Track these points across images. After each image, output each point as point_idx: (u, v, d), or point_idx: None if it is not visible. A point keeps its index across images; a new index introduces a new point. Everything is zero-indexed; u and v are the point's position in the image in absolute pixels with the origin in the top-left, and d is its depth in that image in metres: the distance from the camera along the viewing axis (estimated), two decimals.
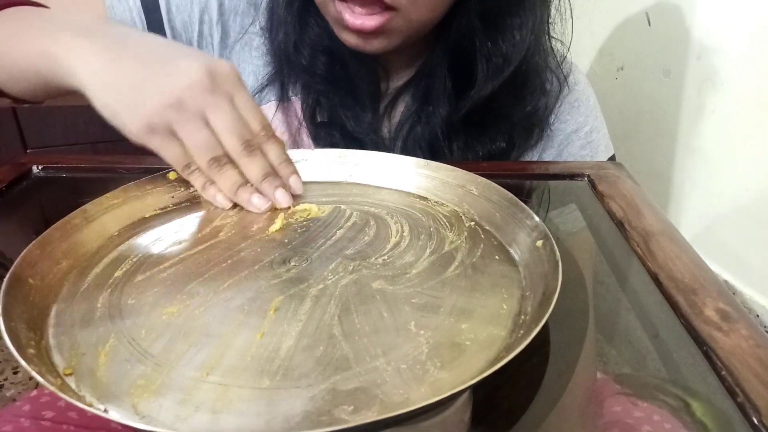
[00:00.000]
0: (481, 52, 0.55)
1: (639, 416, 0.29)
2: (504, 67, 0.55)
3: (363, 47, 0.53)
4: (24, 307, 0.32)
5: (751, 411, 0.27)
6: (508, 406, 0.29)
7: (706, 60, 0.73)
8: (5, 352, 0.29)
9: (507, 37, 0.55)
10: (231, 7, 0.62)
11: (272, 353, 0.29)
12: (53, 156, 0.55)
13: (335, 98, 0.59)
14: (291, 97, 0.61)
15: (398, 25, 0.51)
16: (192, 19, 0.62)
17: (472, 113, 0.58)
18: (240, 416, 0.26)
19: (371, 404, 0.26)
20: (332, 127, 0.59)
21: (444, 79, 0.57)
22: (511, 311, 0.33)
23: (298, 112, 0.61)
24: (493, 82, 0.56)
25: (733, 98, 0.70)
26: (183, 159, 0.42)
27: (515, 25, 0.55)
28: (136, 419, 0.25)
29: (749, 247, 0.69)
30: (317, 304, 0.33)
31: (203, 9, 0.62)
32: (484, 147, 0.59)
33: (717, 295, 0.35)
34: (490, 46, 0.55)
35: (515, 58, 0.55)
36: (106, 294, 0.35)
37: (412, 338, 0.30)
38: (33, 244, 0.35)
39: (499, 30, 0.55)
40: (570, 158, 0.63)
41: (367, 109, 0.60)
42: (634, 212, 0.45)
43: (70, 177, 0.54)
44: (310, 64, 0.59)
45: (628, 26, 0.90)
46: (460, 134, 0.59)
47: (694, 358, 0.31)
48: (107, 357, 0.29)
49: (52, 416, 0.31)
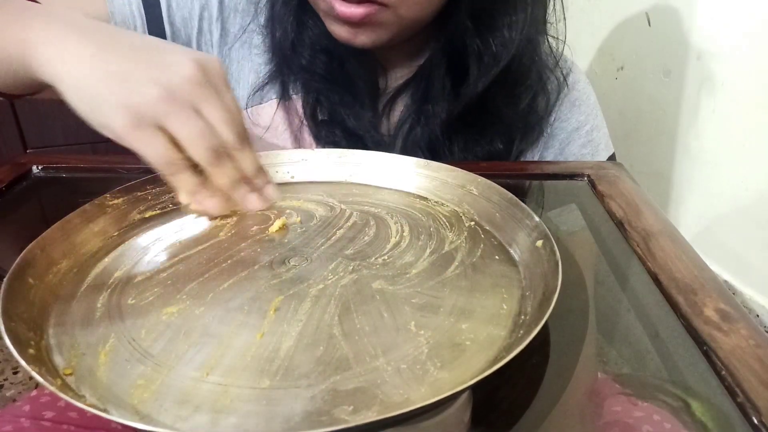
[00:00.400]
0: (472, 51, 0.55)
1: (639, 416, 0.29)
2: (493, 66, 0.55)
3: (352, 40, 0.53)
4: (24, 307, 0.32)
5: (751, 411, 0.27)
6: (508, 406, 0.29)
7: (706, 60, 0.73)
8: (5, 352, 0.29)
9: (497, 36, 0.55)
10: (231, 4, 0.62)
11: (272, 353, 0.29)
12: (53, 156, 0.55)
13: (335, 96, 0.59)
14: (292, 95, 0.61)
15: (387, 19, 0.51)
16: (192, 15, 0.61)
17: (468, 113, 0.58)
18: (240, 416, 0.26)
19: (371, 404, 0.26)
20: (333, 125, 0.59)
21: (443, 79, 0.58)
22: (511, 311, 0.33)
23: (299, 111, 0.61)
24: (483, 80, 0.56)
25: (733, 98, 0.70)
26: (168, 156, 0.39)
27: (505, 24, 0.55)
28: (135, 419, 0.25)
29: (749, 247, 0.69)
30: (317, 304, 0.33)
31: (203, 6, 0.62)
32: (484, 147, 0.59)
33: (717, 295, 0.35)
34: (480, 44, 0.55)
35: (504, 57, 0.55)
36: (106, 294, 0.35)
37: (412, 338, 0.30)
38: (33, 244, 0.35)
39: (490, 29, 0.55)
40: (571, 157, 0.63)
41: (367, 107, 0.60)
42: (634, 212, 0.45)
43: (70, 177, 0.54)
44: (309, 63, 0.59)
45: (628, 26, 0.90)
46: (460, 134, 0.59)
47: (694, 358, 0.31)
48: (107, 357, 0.29)
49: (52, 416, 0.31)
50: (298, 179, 0.50)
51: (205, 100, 0.40)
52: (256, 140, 0.60)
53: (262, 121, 0.62)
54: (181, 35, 0.62)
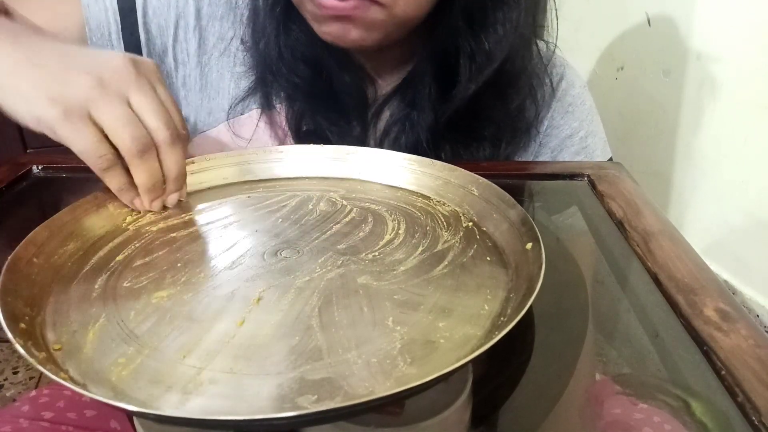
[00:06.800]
0: (464, 52, 0.55)
1: (639, 418, 0.29)
2: (487, 65, 0.55)
3: (342, 37, 0.51)
4: (25, 284, 0.33)
5: (751, 411, 0.27)
6: (508, 406, 0.29)
7: (706, 60, 0.74)
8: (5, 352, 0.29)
9: (490, 33, 0.54)
10: (209, 12, 0.61)
11: (249, 340, 0.30)
12: (53, 156, 0.55)
13: (320, 109, 0.58)
14: (275, 105, 0.60)
15: (379, 17, 0.49)
16: (168, 24, 0.60)
17: (458, 116, 0.57)
18: (207, 398, 0.27)
19: (335, 395, 0.27)
20: (317, 138, 0.58)
21: (430, 85, 0.57)
22: (491, 312, 0.33)
23: (282, 122, 0.60)
24: (476, 80, 0.55)
25: (733, 98, 0.70)
26: (96, 148, 0.39)
27: (498, 20, 0.54)
28: (110, 395, 0.26)
29: (749, 246, 0.69)
30: (300, 295, 0.34)
31: (179, 14, 0.60)
32: (473, 154, 0.59)
33: (717, 295, 0.35)
34: (473, 43, 0.54)
35: (498, 56, 0.54)
36: (105, 276, 0.36)
37: (388, 333, 0.31)
38: (41, 225, 0.37)
39: (483, 26, 0.54)
40: None
41: (353, 121, 0.59)
42: (634, 212, 0.45)
43: (70, 177, 0.54)
44: (294, 74, 0.58)
45: (628, 26, 0.90)
46: (447, 141, 0.58)
47: (694, 358, 0.31)
48: (95, 335, 0.31)
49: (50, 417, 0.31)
50: (304, 174, 0.51)
51: (135, 91, 0.40)
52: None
53: (244, 133, 0.60)
54: (157, 43, 0.61)
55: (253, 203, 0.46)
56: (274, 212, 0.44)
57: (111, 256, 0.38)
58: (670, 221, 0.45)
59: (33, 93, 0.39)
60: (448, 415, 0.27)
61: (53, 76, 0.39)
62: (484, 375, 0.30)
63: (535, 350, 0.32)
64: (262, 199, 0.47)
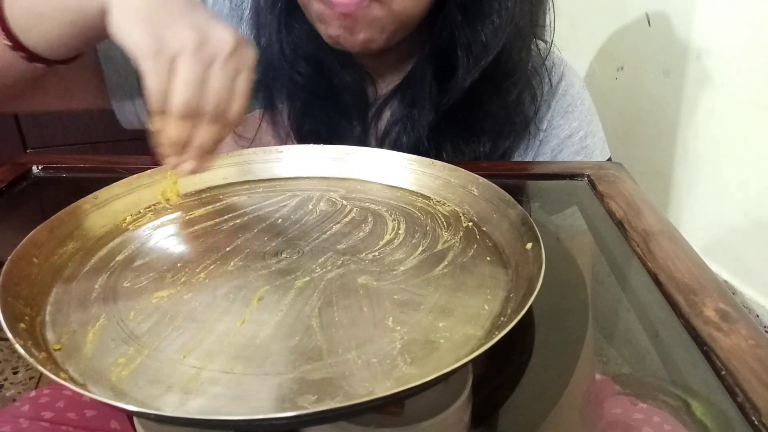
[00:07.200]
0: (461, 43, 0.55)
1: (639, 418, 0.29)
2: (483, 56, 0.55)
3: (347, 40, 0.52)
4: (25, 284, 0.33)
5: (751, 411, 0.27)
6: (508, 406, 0.29)
7: (706, 60, 0.74)
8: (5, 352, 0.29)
9: (486, 24, 0.54)
10: (215, 11, 0.61)
11: (249, 340, 0.30)
12: (53, 156, 0.55)
13: (320, 110, 0.59)
14: (278, 105, 0.61)
15: (381, 15, 0.50)
16: None
17: (457, 111, 0.57)
18: (207, 398, 0.27)
19: (335, 395, 0.27)
20: (319, 138, 0.58)
21: (430, 83, 0.57)
22: (491, 312, 0.33)
23: (284, 122, 0.61)
24: (473, 72, 0.55)
25: (733, 98, 0.70)
26: (162, 92, 0.40)
27: (494, 10, 0.54)
28: (110, 395, 0.26)
29: (749, 246, 0.69)
30: (300, 295, 0.34)
31: None
32: (472, 152, 0.59)
33: (717, 295, 0.35)
34: (469, 34, 0.54)
35: (494, 46, 0.54)
36: (105, 276, 0.36)
37: (388, 333, 0.31)
38: (41, 225, 0.37)
39: (479, 16, 0.54)
40: None
41: (354, 121, 0.59)
42: (634, 212, 0.45)
43: (70, 177, 0.55)
44: (295, 73, 0.58)
45: (628, 26, 0.90)
46: (446, 140, 0.58)
47: (694, 358, 0.31)
48: (95, 335, 0.31)
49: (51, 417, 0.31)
50: (304, 174, 0.51)
51: (220, 65, 0.41)
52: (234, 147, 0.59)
53: (246, 133, 0.61)
54: None
55: (253, 203, 0.46)
56: (274, 212, 0.44)
57: (111, 256, 0.38)
58: (670, 221, 0.45)
59: (146, 20, 0.40)
60: (448, 415, 0.27)
61: (171, 17, 0.40)
62: (484, 375, 0.30)
63: (535, 350, 0.32)
64: (262, 199, 0.47)
